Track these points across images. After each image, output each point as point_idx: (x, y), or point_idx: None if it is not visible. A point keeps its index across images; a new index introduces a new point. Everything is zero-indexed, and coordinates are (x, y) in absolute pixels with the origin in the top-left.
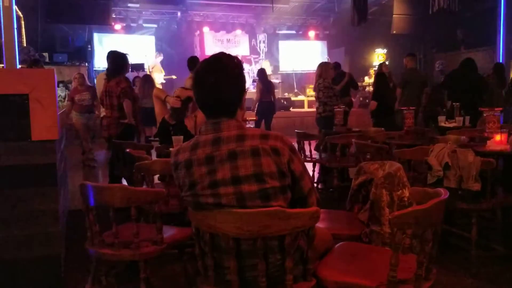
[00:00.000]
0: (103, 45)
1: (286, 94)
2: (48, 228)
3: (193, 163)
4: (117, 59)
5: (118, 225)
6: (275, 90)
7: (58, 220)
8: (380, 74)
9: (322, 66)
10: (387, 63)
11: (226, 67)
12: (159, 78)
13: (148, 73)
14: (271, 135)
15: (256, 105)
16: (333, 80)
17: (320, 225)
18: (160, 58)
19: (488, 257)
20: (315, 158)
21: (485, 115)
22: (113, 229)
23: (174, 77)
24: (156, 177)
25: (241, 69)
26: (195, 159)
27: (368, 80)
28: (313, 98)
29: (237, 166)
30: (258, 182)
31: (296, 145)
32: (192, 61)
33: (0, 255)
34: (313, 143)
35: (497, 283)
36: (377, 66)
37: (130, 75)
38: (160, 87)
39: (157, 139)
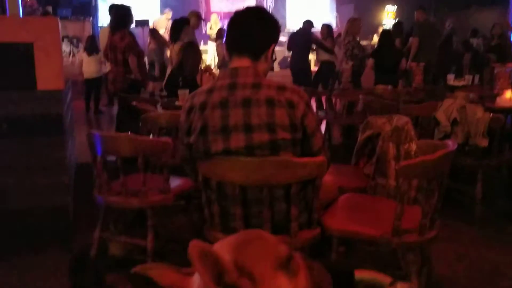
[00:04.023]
0: (106, 0)
1: None
2: (56, 177)
3: (208, 105)
4: (119, 12)
5: (126, 176)
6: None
7: (66, 169)
8: (385, 31)
9: (351, 21)
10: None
11: (264, 15)
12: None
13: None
14: (289, 87)
15: None
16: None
17: (326, 178)
18: (170, 14)
19: (491, 213)
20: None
21: (496, 71)
22: (121, 179)
23: None
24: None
25: (277, 24)
26: (209, 102)
27: (377, 38)
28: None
29: (250, 113)
30: (270, 132)
31: None
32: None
33: (10, 204)
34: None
35: (500, 238)
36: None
37: (135, 30)
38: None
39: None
